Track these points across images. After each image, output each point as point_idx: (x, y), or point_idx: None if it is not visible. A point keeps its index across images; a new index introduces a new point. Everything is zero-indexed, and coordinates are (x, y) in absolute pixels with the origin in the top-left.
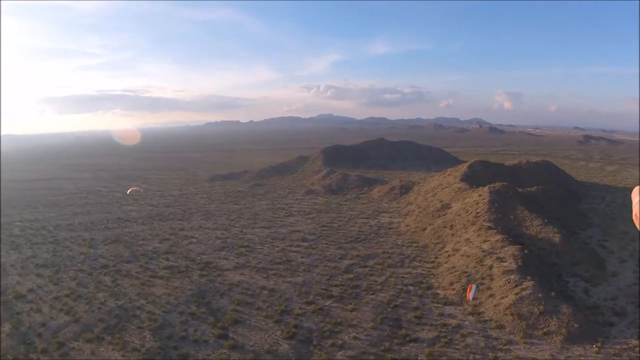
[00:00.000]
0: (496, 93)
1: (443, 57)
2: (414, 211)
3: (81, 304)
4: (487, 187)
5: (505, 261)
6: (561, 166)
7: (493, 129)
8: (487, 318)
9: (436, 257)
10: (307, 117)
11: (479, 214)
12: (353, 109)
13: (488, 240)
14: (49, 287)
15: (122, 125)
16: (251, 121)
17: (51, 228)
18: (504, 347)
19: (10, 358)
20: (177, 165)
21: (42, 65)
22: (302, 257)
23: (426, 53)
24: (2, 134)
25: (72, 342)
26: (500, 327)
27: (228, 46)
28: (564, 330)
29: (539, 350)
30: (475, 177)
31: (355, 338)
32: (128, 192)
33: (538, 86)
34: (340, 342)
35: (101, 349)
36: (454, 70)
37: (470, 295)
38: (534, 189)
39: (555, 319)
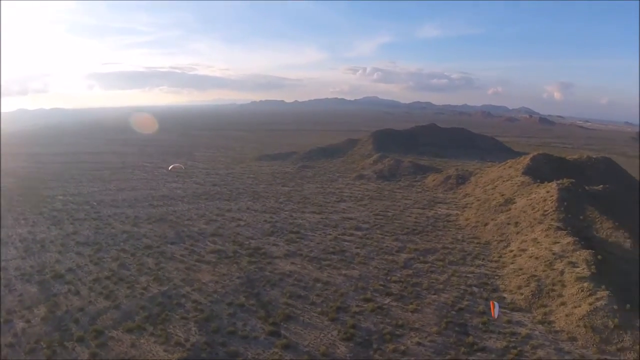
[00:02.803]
0: (546, 82)
1: (494, 43)
2: (472, 204)
3: (122, 288)
4: (555, 184)
5: (578, 266)
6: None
7: (543, 120)
8: (558, 328)
9: (500, 256)
10: (352, 99)
11: (547, 213)
12: (399, 93)
13: (558, 242)
14: (89, 267)
15: (170, 101)
16: (296, 101)
17: (94, 203)
18: None
19: (44, 345)
20: (223, 143)
21: (92, 42)
22: (357, 248)
23: (477, 38)
24: (49, 107)
25: (111, 331)
26: (573, 339)
27: (275, 25)
28: (638, 347)
29: None
30: (538, 171)
31: (418, 344)
32: (170, 168)
33: (589, 77)
34: (402, 347)
35: (142, 341)
36: (504, 57)
37: (495, 312)
38: (600, 187)
39: (629, 334)
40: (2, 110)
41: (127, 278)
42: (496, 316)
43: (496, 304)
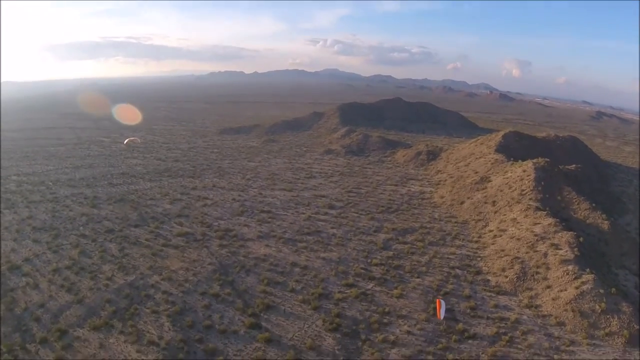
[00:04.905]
0: (505, 60)
1: (454, 18)
2: (445, 180)
3: (85, 279)
4: (531, 163)
5: (561, 249)
6: None
7: (503, 96)
8: (546, 313)
9: (480, 237)
10: (312, 71)
11: (524, 192)
12: (359, 66)
13: (539, 223)
14: (48, 256)
15: (125, 72)
16: (255, 72)
17: (50, 183)
18: (568, 349)
19: (4, 350)
20: (183, 116)
21: (46, 11)
22: (333, 228)
23: (437, 13)
24: (1, 80)
25: (76, 330)
26: (561, 324)
27: None
28: (625, 332)
29: (603, 353)
30: (509, 149)
31: (408, 332)
32: (125, 142)
33: (547, 56)
34: (392, 337)
35: (111, 340)
36: (463, 33)
37: (440, 313)
38: (573, 167)
39: (616, 318)
40: None
41: (89, 267)
42: (442, 317)
43: (442, 302)
